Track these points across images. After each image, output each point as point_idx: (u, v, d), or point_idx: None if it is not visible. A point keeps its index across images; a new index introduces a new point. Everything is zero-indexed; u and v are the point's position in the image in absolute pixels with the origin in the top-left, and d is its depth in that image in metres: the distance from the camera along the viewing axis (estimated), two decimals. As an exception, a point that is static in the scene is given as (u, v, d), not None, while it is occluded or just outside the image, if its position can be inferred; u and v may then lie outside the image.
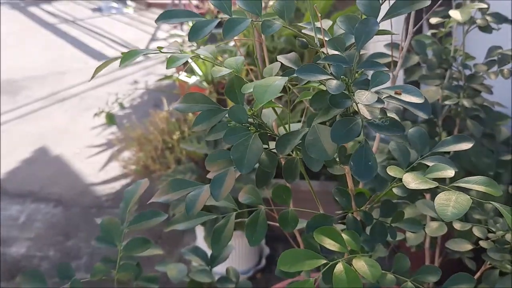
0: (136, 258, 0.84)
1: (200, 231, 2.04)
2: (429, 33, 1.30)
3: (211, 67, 2.49)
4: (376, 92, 0.55)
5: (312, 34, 0.69)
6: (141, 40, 5.25)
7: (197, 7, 3.37)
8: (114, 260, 0.77)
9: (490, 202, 0.59)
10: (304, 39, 0.65)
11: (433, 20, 1.16)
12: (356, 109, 0.57)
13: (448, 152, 1.15)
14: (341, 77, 0.57)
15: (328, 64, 0.61)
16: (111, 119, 2.48)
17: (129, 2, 6.90)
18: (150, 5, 6.76)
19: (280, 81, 0.57)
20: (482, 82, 1.19)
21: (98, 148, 3.14)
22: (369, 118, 0.55)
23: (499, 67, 1.17)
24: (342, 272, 0.62)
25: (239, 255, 2.02)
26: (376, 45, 1.37)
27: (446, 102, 1.14)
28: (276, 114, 0.74)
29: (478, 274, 0.97)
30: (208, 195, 0.62)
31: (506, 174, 1.27)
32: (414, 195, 1.08)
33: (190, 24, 3.44)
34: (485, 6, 1.09)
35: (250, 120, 0.66)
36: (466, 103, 1.12)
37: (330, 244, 0.67)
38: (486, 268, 0.98)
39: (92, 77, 0.71)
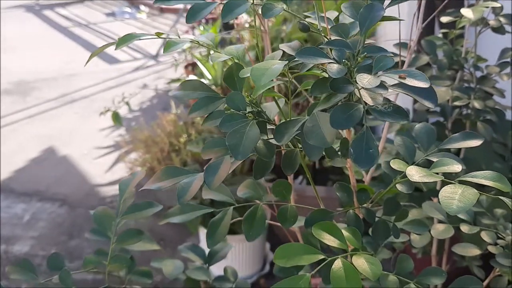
0: (134, 256, 0.81)
1: (204, 234, 2.01)
2: (440, 33, 1.27)
3: (220, 70, 2.46)
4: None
5: (316, 22, 0.66)
6: (152, 45, 5.26)
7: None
8: (106, 252, 0.74)
9: (499, 196, 0.56)
10: (305, 22, 0.63)
11: (444, 19, 1.13)
12: (359, 96, 0.54)
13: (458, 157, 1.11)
14: (343, 61, 0.55)
15: (330, 49, 0.58)
16: (117, 118, 2.47)
17: (142, 7, 6.95)
18: (163, 10, 6.80)
19: (279, 65, 0.55)
20: (494, 85, 1.15)
21: (105, 150, 3.14)
22: (371, 104, 0.52)
23: (513, 69, 1.14)
24: (340, 269, 0.59)
25: (243, 260, 1.99)
26: (385, 44, 1.34)
27: (456, 103, 1.10)
28: (279, 107, 0.72)
29: (487, 281, 0.94)
30: (201, 183, 0.59)
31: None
32: (421, 199, 1.05)
33: (202, 29, 3.43)
34: (498, 5, 1.06)
35: (249, 108, 0.64)
36: (477, 104, 1.08)
37: (329, 240, 0.63)
38: (495, 275, 0.94)
39: (87, 61, 0.69)
